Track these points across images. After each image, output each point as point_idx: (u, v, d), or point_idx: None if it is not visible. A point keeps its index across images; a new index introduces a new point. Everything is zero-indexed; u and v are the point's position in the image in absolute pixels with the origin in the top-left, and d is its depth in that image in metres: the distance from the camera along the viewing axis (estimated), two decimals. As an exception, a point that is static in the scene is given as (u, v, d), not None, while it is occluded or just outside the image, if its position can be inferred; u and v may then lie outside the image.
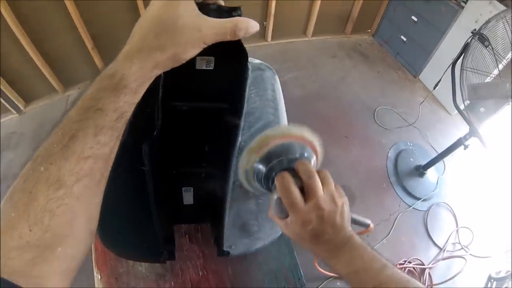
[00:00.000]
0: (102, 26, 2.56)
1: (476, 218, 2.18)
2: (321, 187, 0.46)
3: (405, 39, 3.18)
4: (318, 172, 0.49)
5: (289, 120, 0.66)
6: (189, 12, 0.36)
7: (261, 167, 0.49)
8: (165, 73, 0.38)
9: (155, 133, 0.45)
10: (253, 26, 0.40)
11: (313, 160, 0.51)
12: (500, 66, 1.57)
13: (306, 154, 0.50)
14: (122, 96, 0.35)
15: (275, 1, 2.97)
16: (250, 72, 0.45)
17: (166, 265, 0.73)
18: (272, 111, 0.63)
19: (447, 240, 2.05)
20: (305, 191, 0.47)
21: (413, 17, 3.00)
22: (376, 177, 2.35)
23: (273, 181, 0.48)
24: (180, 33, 0.36)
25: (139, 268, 0.73)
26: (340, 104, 2.83)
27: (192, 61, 0.38)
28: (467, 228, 2.13)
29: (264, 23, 3.22)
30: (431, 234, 2.07)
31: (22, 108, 2.63)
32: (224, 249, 0.66)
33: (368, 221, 0.55)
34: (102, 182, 0.36)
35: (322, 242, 0.47)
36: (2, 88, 2.38)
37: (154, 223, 0.57)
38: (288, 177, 0.46)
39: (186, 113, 0.45)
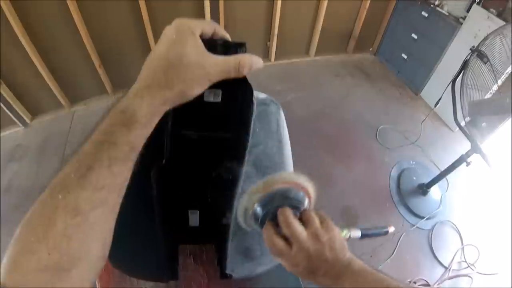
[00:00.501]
0: (110, 44, 2.63)
1: (481, 235, 2.14)
2: (301, 232, 0.49)
3: (406, 57, 3.23)
4: (302, 213, 0.52)
5: (292, 141, 0.68)
6: (195, 50, 0.38)
7: (259, 210, 0.53)
8: None
9: (163, 162, 0.47)
10: (257, 62, 0.42)
11: (306, 202, 0.54)
12: (499, 82, 1.58)
13: (299, 198, 0.53)
14: (134, 131, 0.37)
15: (278, 21, 3.04)
16: (255, 107, 0.47)
17: (170, 285, 0.73)
18: (277, 143, 0.66)
19: (452, 259, 2.02)
20: (288, 238, 0.50)
21: (413, 35, 3.05)
22: (379, 196, 2.33)
23: None
24: (186, 71, 0.38)
25: (143, 287, 0.73)
26: (342, 123, 2.85)
27: (201, 93, 0.40)
28: (472, 245, 2.09)
29: (268, 43, 3.28)
30: (436, 253, 2.03)
31: (28, 121, 2.67)
32: (227, 272, 0.66)
33: (385, 229, 0.56)
34: (115, 209, 0.39)
35: (319, 276, 0.49)
36: (10, 101, 2.43)
37: (159, 243, 0.58)
38: (271, 228, 0.51)
39: (194, 142, 0.47)
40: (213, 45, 0.41)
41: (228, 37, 0.44)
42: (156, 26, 2.65)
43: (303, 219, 0.51)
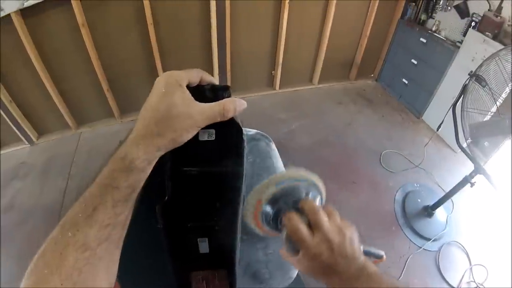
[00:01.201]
0: (118, 70, 2.74)
1: (489, 254, 2.08)
2: (327, 221, 0.49)
3: (406, 82, 3.29)
4: (323, 208, 0.52)
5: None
6: (182, 101, 0.42)
7: (268, 209, 0.54)
8: None
9: (166, 198, 0.51)
10: (240, 105, 0.46)
11: (318, 199, 0.55)
12: (498, 103, 1.61)
13: (310, 194, 0.54)
14: (133, 175, 0.41)
15: (282, 50, 3.16)
16: (246, 143, 0.51)
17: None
18: (267, 172, 0.71)
19: (461, 279, 1.95)
20: (312, 226, 0.50)
21: (413, 60, 3.13)
22: (384, 220, 2.30)
23: (281, 222, 0.52)
24: (175, 120, 0.41)
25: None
26: (346, 150, 2.87)
27: (196, 133, 0.45)
28: (481, 265, 2.03)
29: (273, 72, 3.39)
30: (444, 274, 1.96)
31: (34, 139, 2.72)
32: None
33: (381, 252, 0.56)
34: (120, 243, 0.44)
35: (335, 274, 0.48)
36: (17, 119, 2.50)
37: (172, 271, 0.59)
38: (294, 215, 0.50)
39: (194, 177, 0.50)
40: (201, 90, 0.45)
41: (214, 81, 0.49)
42: (164, 54, 2.76)
43: (325, 212, 0.51)
